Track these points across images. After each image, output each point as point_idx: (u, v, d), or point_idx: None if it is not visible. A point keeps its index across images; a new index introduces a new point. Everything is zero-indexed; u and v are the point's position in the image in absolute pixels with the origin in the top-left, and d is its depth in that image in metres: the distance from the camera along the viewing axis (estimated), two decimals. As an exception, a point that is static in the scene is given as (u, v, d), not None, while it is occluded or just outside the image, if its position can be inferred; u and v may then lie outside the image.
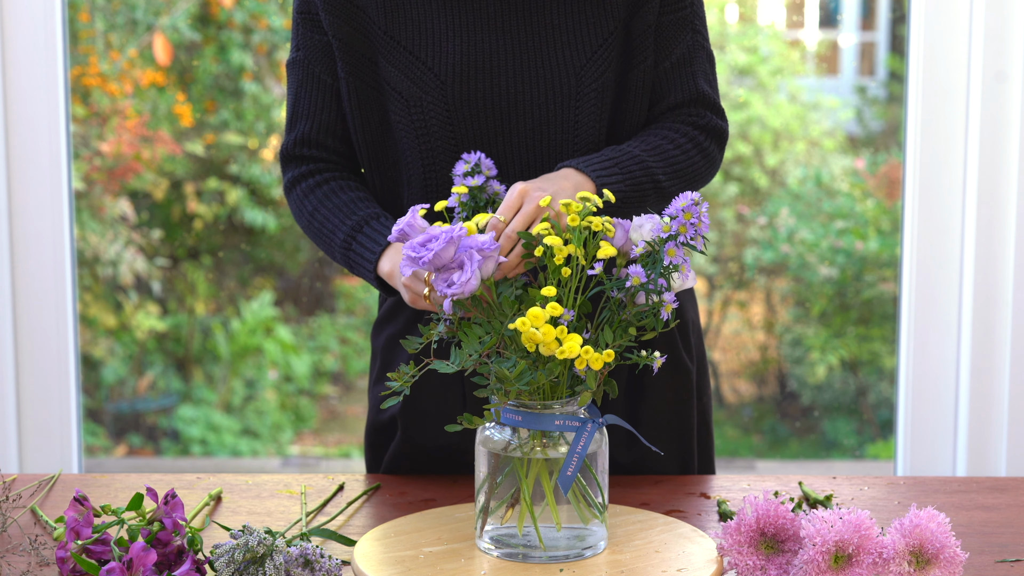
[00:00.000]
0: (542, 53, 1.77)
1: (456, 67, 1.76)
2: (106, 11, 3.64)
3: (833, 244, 3.73)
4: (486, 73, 1.76)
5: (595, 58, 1.78)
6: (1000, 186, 2.70)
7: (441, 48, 1.76)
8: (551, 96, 1.77)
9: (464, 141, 1.77)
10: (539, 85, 1.76)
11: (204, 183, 3.76)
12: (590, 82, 1.77)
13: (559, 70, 1.77)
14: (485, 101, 1.76)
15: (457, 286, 1.46)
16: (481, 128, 1.77)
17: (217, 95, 3.75)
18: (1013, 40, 2.65)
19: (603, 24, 1.78)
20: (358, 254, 1.75)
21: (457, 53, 1.76)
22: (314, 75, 1.82)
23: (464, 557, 1.53)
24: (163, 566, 1.48)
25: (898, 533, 1.44)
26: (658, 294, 1.50)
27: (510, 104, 1.76)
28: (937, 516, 1.45)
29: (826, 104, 3.90)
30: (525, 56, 1.77)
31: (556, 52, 1.77)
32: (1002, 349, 2.72)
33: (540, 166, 1.78)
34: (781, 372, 3.87)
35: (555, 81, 1.76)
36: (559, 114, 1.77)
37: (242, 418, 3.88)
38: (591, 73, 1.77)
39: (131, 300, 3.78)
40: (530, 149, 1.78)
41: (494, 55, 1.76)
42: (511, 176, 1.78)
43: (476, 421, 1.52)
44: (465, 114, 1.76)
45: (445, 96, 1.76)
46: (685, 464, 1.92)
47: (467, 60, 1.76)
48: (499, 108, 1.76)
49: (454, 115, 1.76)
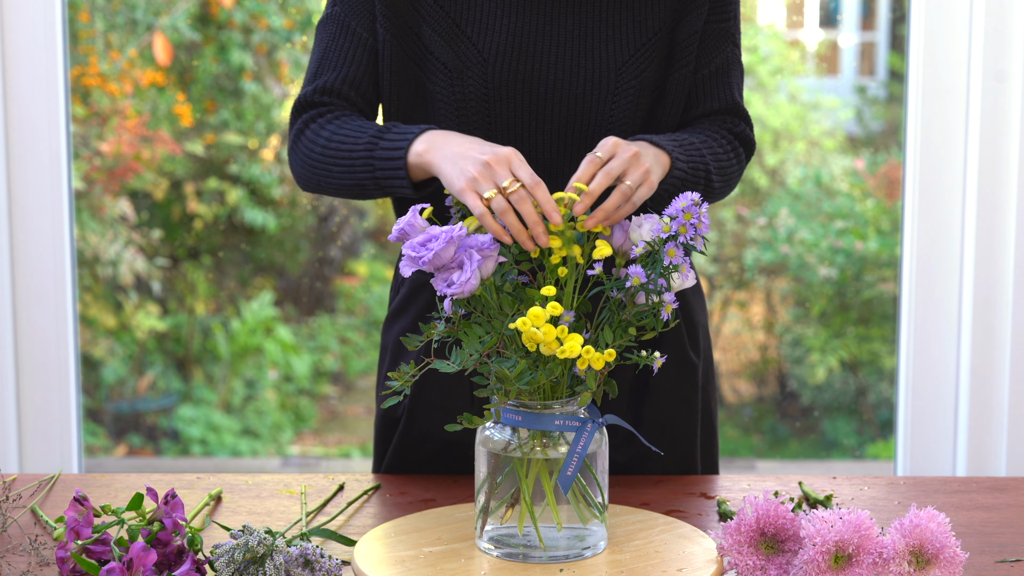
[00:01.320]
0: (586, 44, 1.78)
1: (500, 46, 1.77)
2: (106, 11, 3.64)
3: (833, 244, 3.74)
4: (529, 56, 1.77)
5: (637, 56, 1.79)
6: (1000, 186, 2.70)
7: (488, 25, 1.77)
8: (589, 88, 1.78)
9: (499, 121, 1.78)
10: (579, 76, 1.78)
11: (204, 183, 3.77)
12: (629, 79, 1.78)
13: (600, 63, 1.78)
14: (524, 84, 1.77)
15: (457, 286, 1.46)
16: (517, 110, 1.78)
17: (217, 95, 3.75)
18: (1013, 40, 2.65)
19: (648, 24, 1.79)
20: (385, 149, 1.69)
21: (503, 32, 1.77)
22: (350, 29, 1.80)
23: (464, 557, 1.53)
24: (163, 566, 1.48)
25: (898, 533, 1.44)
26: (658, 294, 1.50)
27: (548, 90, 1.77)
28: (937, 516, 1.45)
29: (826, 104, 3.90)
30: (569, 45, 1.78)
31: (600, 45, 1.78)
32: (1002, 349, 2.72)
33: (570, 156, 1.79)
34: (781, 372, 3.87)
35: (595, 74, 1.78)
36: (595, 107, 1.78)
37: (242, 418, 3.88)
38: (631, 70, 1.79)
39: (131, 300, 3.78)
40: (562, 138, 1.79)
41: (539, 40, 1.77)
42: (539, 163, 1.78)
43: (476, 421, 1.52)
44: (503, 94, 1.77)
45: (486, 73, 1.77)
46: (688, 464, 1.92)
47: (512, 41, 1.77)
48: (537, 93, 1.77)
49: (492, 93, 1.77)
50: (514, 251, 1.55)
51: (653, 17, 1.80)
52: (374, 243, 3.91)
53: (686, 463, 1.92)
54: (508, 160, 1.58)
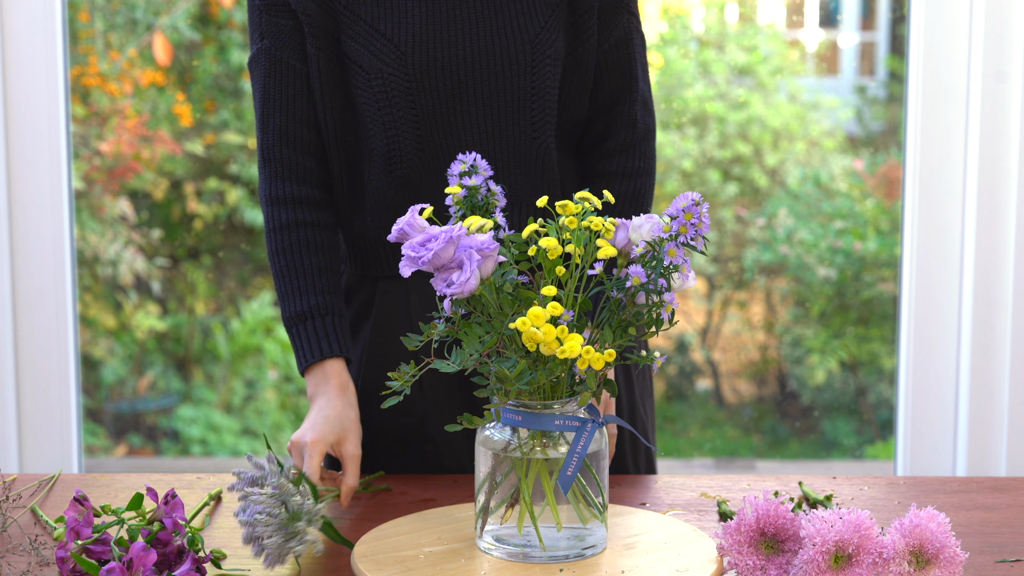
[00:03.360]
0: (498, 22, 1.83)
1: (415, 37, 1.81)
2: (106, 11, 3.64)
3: (832, 244, 3.74)
4: (444, 42, 1.81)
5: (548, 27, 1.84)
6: (1000, 186, 2.70)
7: (400, 19, 1.81)
8: (507, 64, 1.82)
9: (424, 110, 1.82)
10: (495, 53, 1.82)
11: (204, 183, 3.77)
12: (544, 49, 1.83)
13: (514, 38, 1.82)
14: (444, 70, 1.81)
15: (456, 286, 1.46)
16: (440, 97, 1.82)
17: (217, 95, 3.75)
18: (1013, 40, 2.65)
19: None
20: (294, 341, 1.83)
21: (416, 23, 1.81)
22: (282, 62, 1.85)
23: (464, 557, 1.53)
24: (163, 566, 1.48)
25: (898, 533, 1.44)
26: (658, 294, 1.50)
27: (467, 72, 1.82)
28: (937, 516, 1.45)
29: (826, 104, 3.90)
30: (482, 25, 1.82)
31: (511, 20, 1.83)
32: (1002, 349, 2.72)
33: (497, 133, 1.84)
34: (781, 372, 3.87)
35: (511, 49, 1.82)
36: (515, 82, 1.83)
37: (242, 418, 3.88)
38: (544, 41, 1.83)
39: (131, 300, 3.78)
40: (487, 117, 1.83)
41: (452, 24, 1.82)
42: (468, 145, 1.83)
43: (476, 421, 1.52)
44: (424, 84, 1.81)
45: (405, 66, 1.81)
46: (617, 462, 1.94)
47: (426, 30, 1.81)
48: (457, 76, 1.82)
49: (414, 85, 1.81)
50: (514, 251, 1.55)
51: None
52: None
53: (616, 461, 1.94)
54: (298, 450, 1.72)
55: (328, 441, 1.72)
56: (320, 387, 1.78)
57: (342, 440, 1.73)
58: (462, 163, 1.63)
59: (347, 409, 1.76)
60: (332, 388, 1.77)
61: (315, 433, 1.72)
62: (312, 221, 1.86)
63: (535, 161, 1.85)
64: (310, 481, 1.62)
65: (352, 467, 1.72)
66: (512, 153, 1.85)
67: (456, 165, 1.64)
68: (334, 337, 1.81)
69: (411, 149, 1.82)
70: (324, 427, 1.73)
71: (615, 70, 1.90)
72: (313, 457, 1.69)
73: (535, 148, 1.85)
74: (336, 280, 1.86)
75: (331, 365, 1.79)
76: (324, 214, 1.88)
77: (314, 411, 1.76)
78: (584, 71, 1.87)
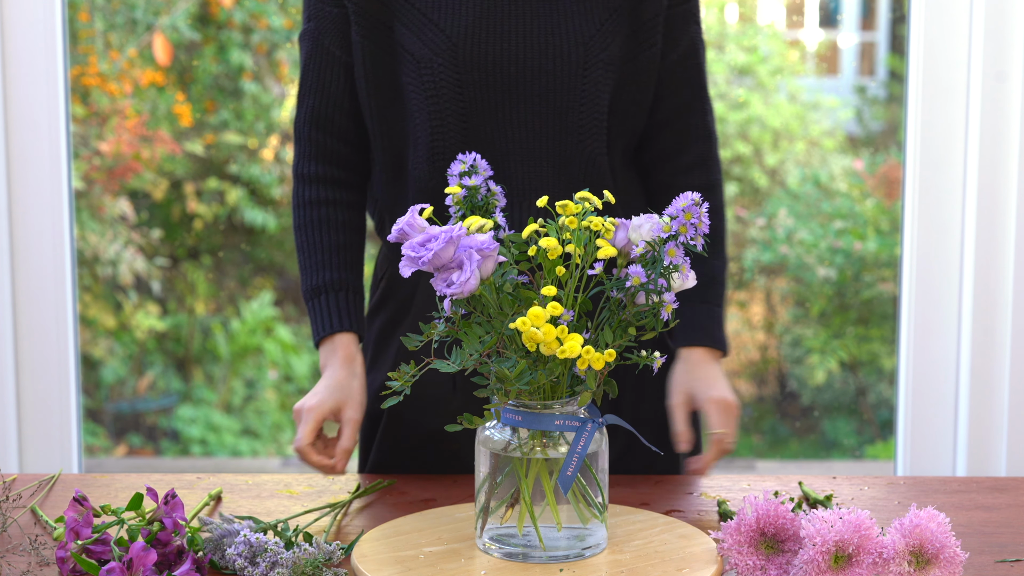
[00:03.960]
0: (552, 21, 1.81)
1: (468, 29, 1.79)
2: (106, 11, 3.64)
3: (832, 244, 3.74)
4: (497, 37, 1.80)
5: (603, 30, 1.82)
6: (1000, 186, 2.70)
7: (454, 10, 1.80)
8: (559, 64, 1.80)
9: (472, 104, 1.81)
10: (548, 52, 1.80)
11: (204, 183, 3.77)
12: (597, 52, 1.81)
13: (568, 38, 1.80)
14: (494, 65, 1.80)
15: (456, 286, 1.46)
16: (489, 92, 1.80)
17: (217, 95, 3.75)
18: (1013, 40, 2.65)
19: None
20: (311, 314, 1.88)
21: (469, 15, 1.80)
22: (323, 47, 1.86)
23: (464, 557, 1.53)
24: (163, 566, 1.48)
25: (898, 533, 1.44)
26: (658, 294, 1.50)
27: (519, 69, 1.80)
28: (937, 516, 1.45)
29: (826, 104, 3.90)
30: (536, 22, 1.80)
31: (565, 21, 1.81)
32: (1002, 349, 2.72)
33: (545, 133, 1.82)
34: (781, 372, 3.87)
35: (564, 49, 1.80)
36: (566, 83, 1.81)
37: (242, 418, 3.88)
38: (598, 44, 1.81)
39: (131, 300, 3.78)
40: (536, 115, 1.82)
41: (506, 19, 1.80)
42: (514, 142, 1.81)
43: (476, 421, 1.52)
44: (474, 77, 1.80)
45: (456, 58, 1.79)
46: (679, 462, 1.94)
47: (479, 23, 1.80)
48: (508, 73, 1.80)
49: (464, 78, 1.80)
50: (514, 251, 1.55)
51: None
52: (374, 243, 3.91)
53: (678, 459, 1.93)
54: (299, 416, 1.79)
55: (327, 407, 1.78)
56: (329, 359, 1.84)
57: (342, 406, 1.79)
58: (462, 163, 1.63)
59: (350, 378, 1.81)
60: (339, 359, 1.83)
61: (315, 400, 1.78)
62: (334, 199, 1.89)
63: (580, 165, 1.84)
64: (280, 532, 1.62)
65: (348, 430, 1.78)
66: (557, 154, 1.83)
67: (456, 165, 1.64)
68: (345, 313, 1.85)
69: (455, 141, 1.82)
70: (325, 395, 1.79)
71: (684, 81, 1.88)
72: (307, 423, 1.76)
73: (581, 152, 1.83)
74: (355, 257, 1.91)
75: (340, 338, 1.84)
76: (348, 193, 1.90)
77: (320, 381, 1.82)
78: (644, 80, 1.86)
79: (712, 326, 1.87)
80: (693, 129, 1.90)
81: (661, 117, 1.89)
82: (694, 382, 1.84)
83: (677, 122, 1.90)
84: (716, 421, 1.80)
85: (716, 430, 1.79)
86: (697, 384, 1.84)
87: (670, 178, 1.91)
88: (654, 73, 1.86)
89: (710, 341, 1.86)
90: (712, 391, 1.82)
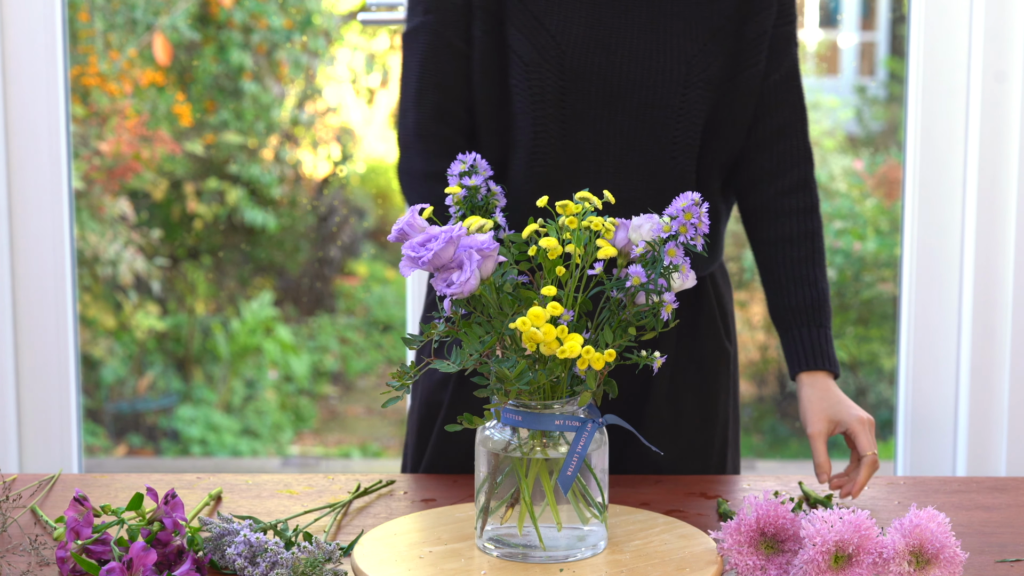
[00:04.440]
0: (657, 37, 1.81)
1: (577, 38, 1.79)
2: (106, 11, 3.64)
3: (832, 244, 3.74)
4: (603, 48, 1.80)
5: (706, 49, 1.82)
6: (1000, 186, 2.70)
7: (565, 17, 1.80)
8: (661, 80, 1.80)
9: (573, 112, 1.80)
10: (651, 67, 1.80)
11: (204, 183, 3.77)
12: (699, 71, 1.81)
13: (672, 55, 1.80)
14: (598, 76, 1.79)
15: (456, 286, 1.46)
16: (590, 102, 1.80)
17: (217, 95, 3.75)
18: (1013, 40, 2.65)
19: (714, 18, 1.82)
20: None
21: (581, 26, 1.79)
22: (444, 39, 1.82)
23: (464, 557, 1.53)
24: (163, 566, 1.48)
25: (898, 533, 1.44)
26: (658, 294, 1.50)
27: (621, 82, 1.80)
28: (937, 516, 1.45)
29: (826, 104, 3.90)
30: (642, 37, 1.80)
31: (671, 38, 1.81)
32: (1002, 349, 2.72)
33: (640, 146, 1.81)
34: (781, 372, 3.87)
35: (666, 65, 1.80)
36: (666, 99, 1.81)
37: (242, 418, 3.88)
38: (701, 63, 1.81)
39: (131, 300, 3.78)
40: (633, 129, 1.81)
41: (613, 32, 1.80)
42: (610, 155, 1.81)
43: (476, 421, 1.52)
44: (578, 86, 1.80)
45: (562, 64, 1.79)
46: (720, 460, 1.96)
47: (589, 33, 1.79)
48: (610, 84, 1.80)
49: (568, 85, 1.79)
50: (514, 251, 1.55)
51: (720, 13, 1.82)
52: (374, 243, 3.91)
53: (720, 457, 1.95)
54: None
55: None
56: None
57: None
58: (462, 163, 1.63)
59: None
60: None
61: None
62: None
63: (670, 179, 1.83)
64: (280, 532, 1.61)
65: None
66: (649, 168, 1.83)
67: (456, 165, 1.64)
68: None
69: (554, 148, 1.81)
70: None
71: (786, 103, 1.88)
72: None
73: (672, 168, 1.83)
74: None
75: None
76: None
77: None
78: (744, 99, 1.85)
79: (829, 349, 1.86)
80: (794, 150, 1.89)
81: (760, 138, 1.89)
82: (834, 407, 1.81)
83: (777, 143, 1.88)
84: (866, 441, 1.77)
85: (867, 451, 1.76)
86: (837, 408, 1.81)
87: (769, 200, 1.89)
88: (755, 93, 1.86)
89: (829, 364, 1.85)
90: (853, 411, 1.80)
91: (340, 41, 3.80)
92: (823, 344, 1.86)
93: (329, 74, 3.81)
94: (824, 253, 1.91)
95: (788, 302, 1.87)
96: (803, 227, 1.88)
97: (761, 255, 1.92)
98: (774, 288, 1.90)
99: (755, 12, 1.83)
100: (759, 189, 1.90)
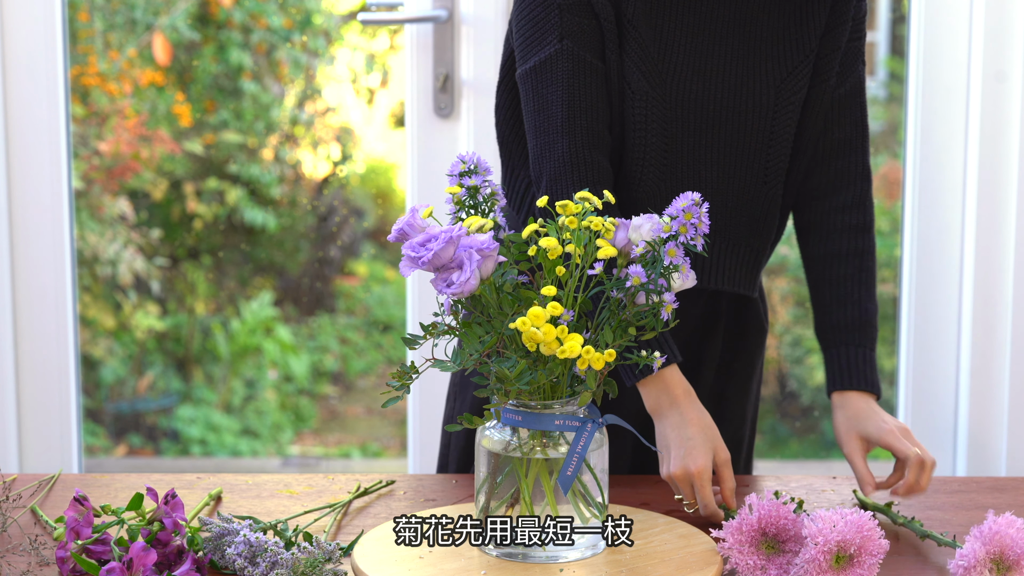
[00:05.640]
0: (748, 63, 1.80)
1: (678, 67, 1.78)
2: (105, 11, 3.64)
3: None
4: (700, 75, 1.79)
5: (795, 73, 1.81)
6: (1000, 186, 2.70)
7: (668, 46, 1.78)
8: (751, 105, 1.80)
9: (673, 139, 1.79)
10: (742, 94, 1.80)
11: (204, 183, 3.76)
12: (788, 96, 1.81)
13: (761, 81, 1.80)
14: (696, 103, 1.79)
15: (456, 286, 1.46)
16: (688, 129, 1.80)
17: (216, 95, 3.75)
18: (1013, 40, 2.65)
19: (805, 42, 1.82)
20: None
21: (681, 53, 1.78)
22: (586, 62, 1.77)
23: (464, 557, 1.53)
24: (163, 566, 1.48)
25: (978, 541, 1.44)
26: (658, 294, 1.50)
27: (716, 108, 1.80)
28: (1016, 522, 1.45)
29: (826, 104, 3.89)
30: (736, 64, 1.80)
31: (761, 64, 1.80)
32: (1002, 349, 2.72)
33: (733, 173, 1.81)
34: (781, 372, 3.87)
35: (756, 91, 1.80)
36: (757, 124, 1.81)
37: (242, 418, 3.88)
38: (790, 87, 1.81)
39: (130, 300, 3.78)
40: (726, 156, 1.81)
41: (710, 59, 1.79)
42: (706, 182, 1.80)
43: (476, 421, 1.52)
44: (679, 114, 1.79)
45: (665, 92, 1.78)
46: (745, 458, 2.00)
47: (688, 61, 1.79)
48: (706, 111, 1.79)
49: (669, 114, 1.79)
50: (514, 251, 1.55)
51: (810, 36, 1.82)
52: (374, 243, 3.91)
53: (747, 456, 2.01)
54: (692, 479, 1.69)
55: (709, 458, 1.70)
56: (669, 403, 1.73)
57: (716, 449, 1.71)
58: (462, 163, 1.63)
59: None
60: (680, 404, 1.72)
61: (696, 461, 1.68)
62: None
63: (761, 206, 1.84)
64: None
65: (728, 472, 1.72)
66: (742, 195, 1.83)
67: (456, 165, 1.64)
68: (667, 344, 1.74)
69: (654, 175, 1.80)
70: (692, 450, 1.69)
71: (848, 118, 1.86)
72: (705, 487, 1.69)
73: (764, 193, 1.84)
74: None
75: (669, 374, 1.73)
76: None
77: (683, 429, 1.71)
78: (816, 112, 1.85)
79: (867, 369, 1.82)
80: (853, 167, 1.87)
81: (820, 152, 1.87)
82: (861, 423, 1.78)
83: (837, 159, 1.87)
84: (901, 447, 1.73)
85: (906, 454, 1.73)
86: (865, 424, 1.78)
87: (823, 216, 1.87)
88: (825, 106, 1.85)
89: (865, 385, 1.81)
90: (883, 424, 1.77)
91: (340, 41, 3.80)
92: (859, 364, 1.82)
93: (329, 74, 3.81)
94: (874, 273, 1.87)
95: (830, 320, 1.85)
96: (853, 245, 1.86)
97: (810, 271, 1.89)
98: (818, 305, 1.87)
99: (832, 27, 1.83)
100: (814, 204, 1.88)
